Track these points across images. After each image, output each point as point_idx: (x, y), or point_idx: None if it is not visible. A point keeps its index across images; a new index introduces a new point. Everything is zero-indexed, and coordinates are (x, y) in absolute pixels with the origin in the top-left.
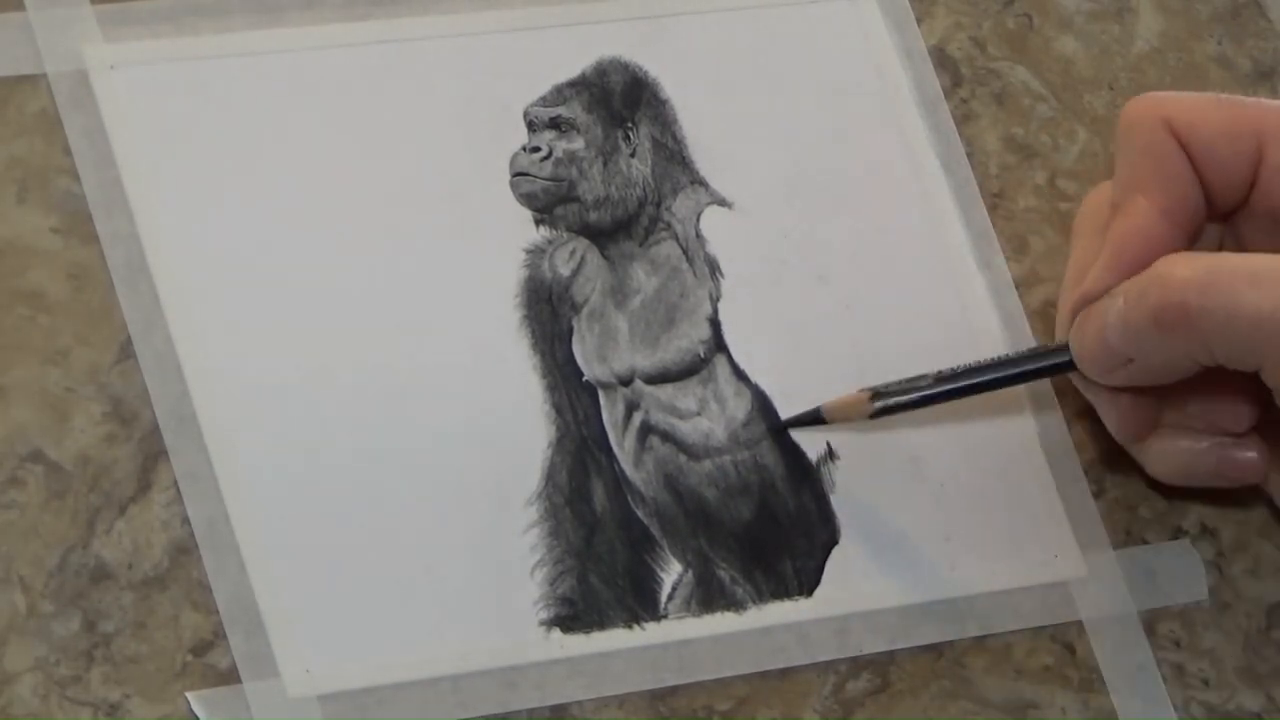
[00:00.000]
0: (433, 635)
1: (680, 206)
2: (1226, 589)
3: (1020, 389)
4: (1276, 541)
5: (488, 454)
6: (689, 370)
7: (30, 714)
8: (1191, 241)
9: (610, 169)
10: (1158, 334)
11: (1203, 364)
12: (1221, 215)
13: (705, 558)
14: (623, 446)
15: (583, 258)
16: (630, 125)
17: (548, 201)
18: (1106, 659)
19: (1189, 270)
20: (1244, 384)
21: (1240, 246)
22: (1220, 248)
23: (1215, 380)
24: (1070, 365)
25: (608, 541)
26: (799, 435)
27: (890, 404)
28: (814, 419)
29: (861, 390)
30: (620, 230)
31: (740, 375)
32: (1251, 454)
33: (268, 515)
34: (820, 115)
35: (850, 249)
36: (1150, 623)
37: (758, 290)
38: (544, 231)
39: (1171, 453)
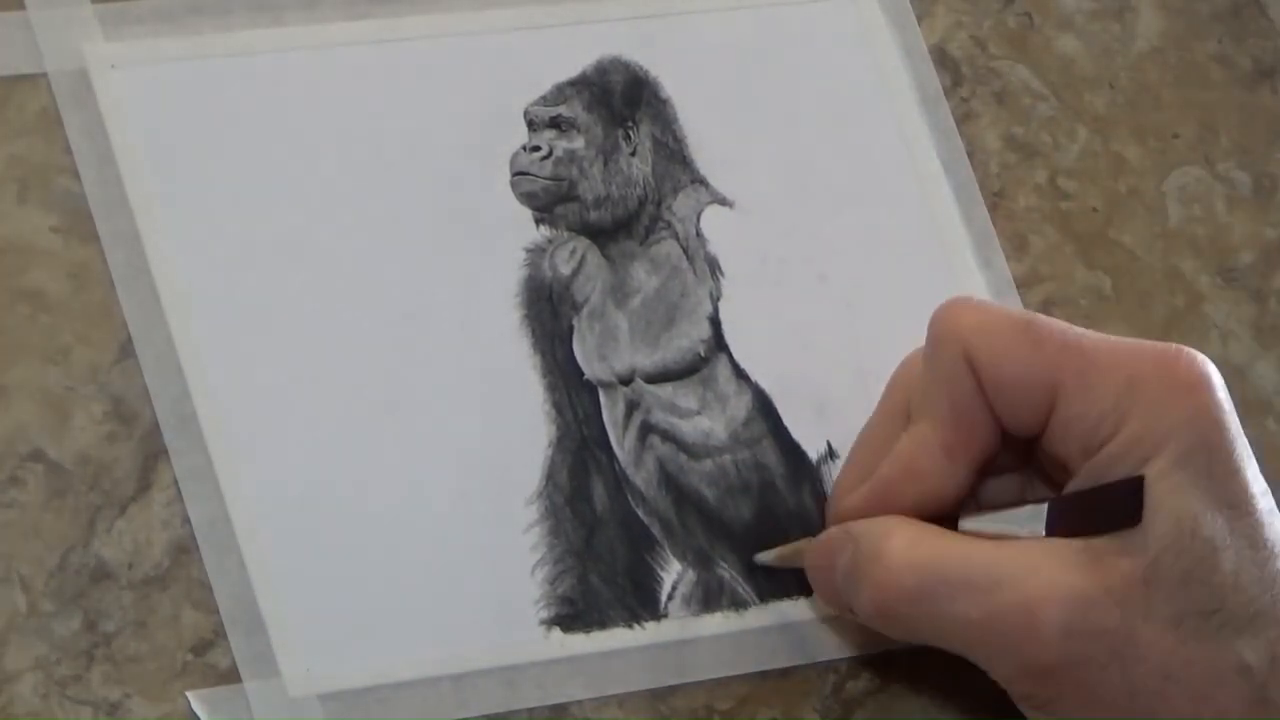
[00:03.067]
0: (433, 635)
1: (681, 206)
2: None
3: None
4: None
5: (488, 453)
6: (689, 369)
7: (30, 713)
8: (977, 468)
9: (610, 168)
10: (877, 616)
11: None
12: (1022, 446)
13: (705, 557)
14: (623, 446)
15: (583, 257)
16: (630, 124)
17: (548, 201)
18: None
19: (907, 568)
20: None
21: (1040, 474)
22: (1032, 457)
23: None
24: None
25: (608, 541)
26: (799, 435)
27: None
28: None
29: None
30: (621, 229)
31: (740, 374)
32: None
33: (268, 515)
34: (820, 115)
35: (850, 249)
36: None
37: (758, 290)
38: (544, 231)
39: None
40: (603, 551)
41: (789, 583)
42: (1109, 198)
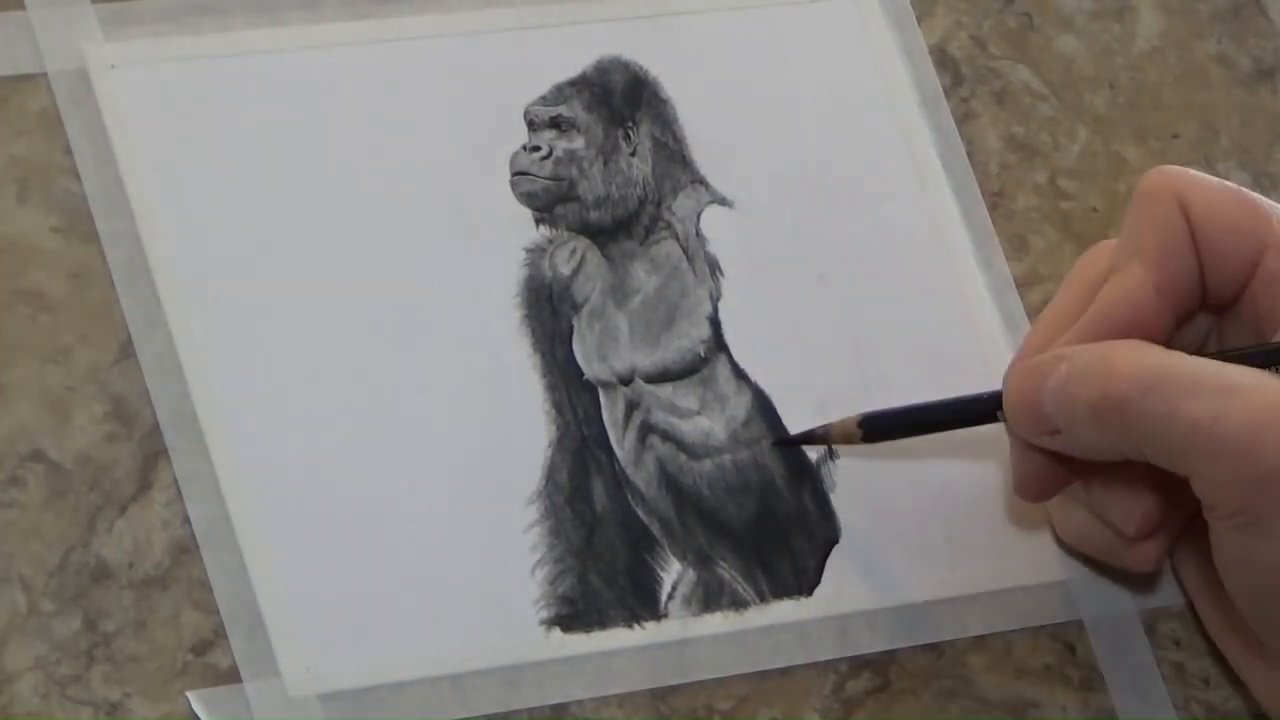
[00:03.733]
0: (433, 635)
1: (681, 206)
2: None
3: None
4: None
5: (488, 453)
6: (689, 369)
7: (30, 713)
8: (1180, 323)
9: (610, 168)
10: (1092, 422)
11: (1129, 458)
12: (1214, 307)
13: (705, 557)
14: (623, 446)
15: (583, 257)
16: (630, 124)
17: (548, 201)
18: (1106, 659)
19: (1135, 367)
20: (1152, 485)
21: (1223, 344)
22: (1206, 341)
23: (1124, 473)
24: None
25: (608, 541)
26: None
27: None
28: (808, 437)
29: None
30: (621, 229)
31: (740, 374)
32: (1149, 546)
33: (268, 515)
34: (820, 115)
35: (850, 249)
36: (1150, 623)
37: (758, 290)
38: (544, 231)
39: (1073, 521)
40: (603, 551)
41: (789, 583)
42: (1109, 198)
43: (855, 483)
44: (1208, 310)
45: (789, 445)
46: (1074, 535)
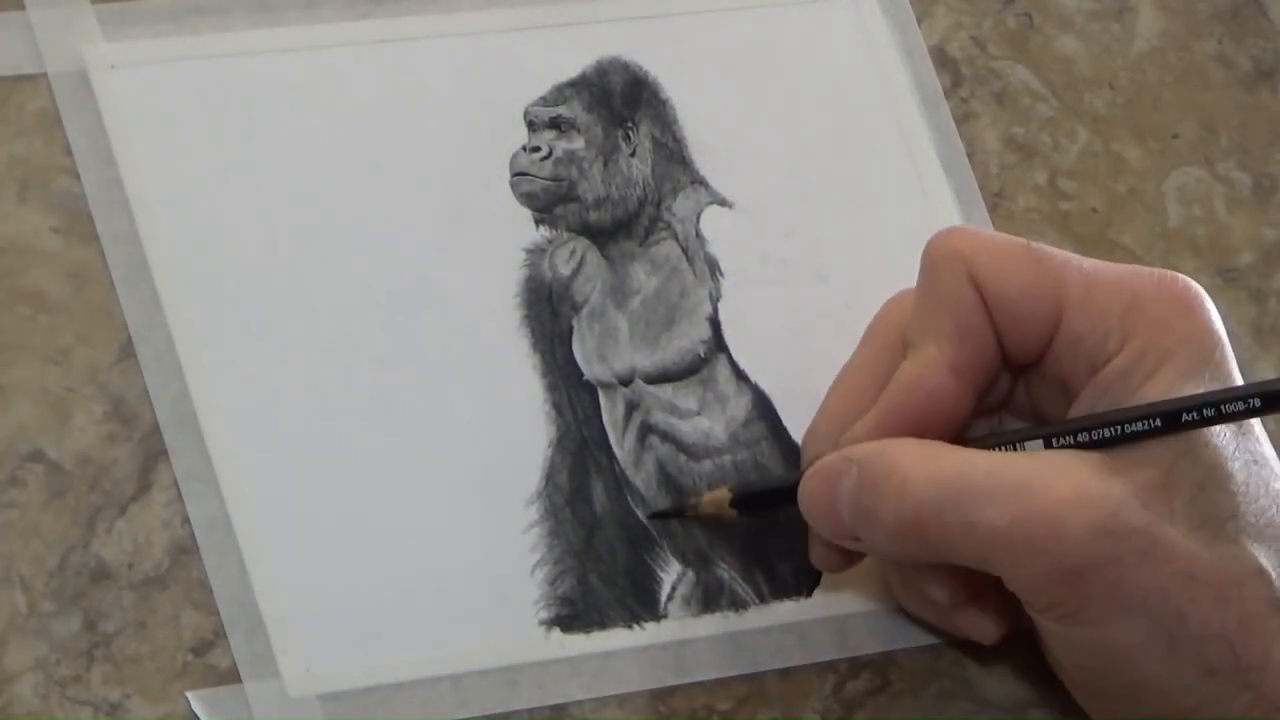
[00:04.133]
0: (433, 635)
1: (680, 206)
2: None
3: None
4: None
5: (488, 454)
6: (689, 370)
7: (30, 714)
8: (980, 394)
9: (610, 169)
10: (891, 538)
11: (937, 562)
12: (1016, 368)
13: (705, 557)
14: (623, 446)
15: (583, 257)
16: (630, 125)
17: (548, 201)
18: None
19: (925, 482)
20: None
21: (1030, 402)
22: (1009, 398)
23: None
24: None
25: (608, 541)
26: (799, 435)
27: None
28: (679, 512)
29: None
30: (620, 230)
31: (740, 375)
32: (984, 619)
33: (268, 515)
34: (820, 115)
35: (850, 249)
36: None
37: (758, 290)
38: (544, 231)
39: (901, 591)
40: (602, 552)
41: (789, 583)
42: (1109, 198)
43: None
44: (1009, 369)
45: (663, 518)
46: (915, 606)
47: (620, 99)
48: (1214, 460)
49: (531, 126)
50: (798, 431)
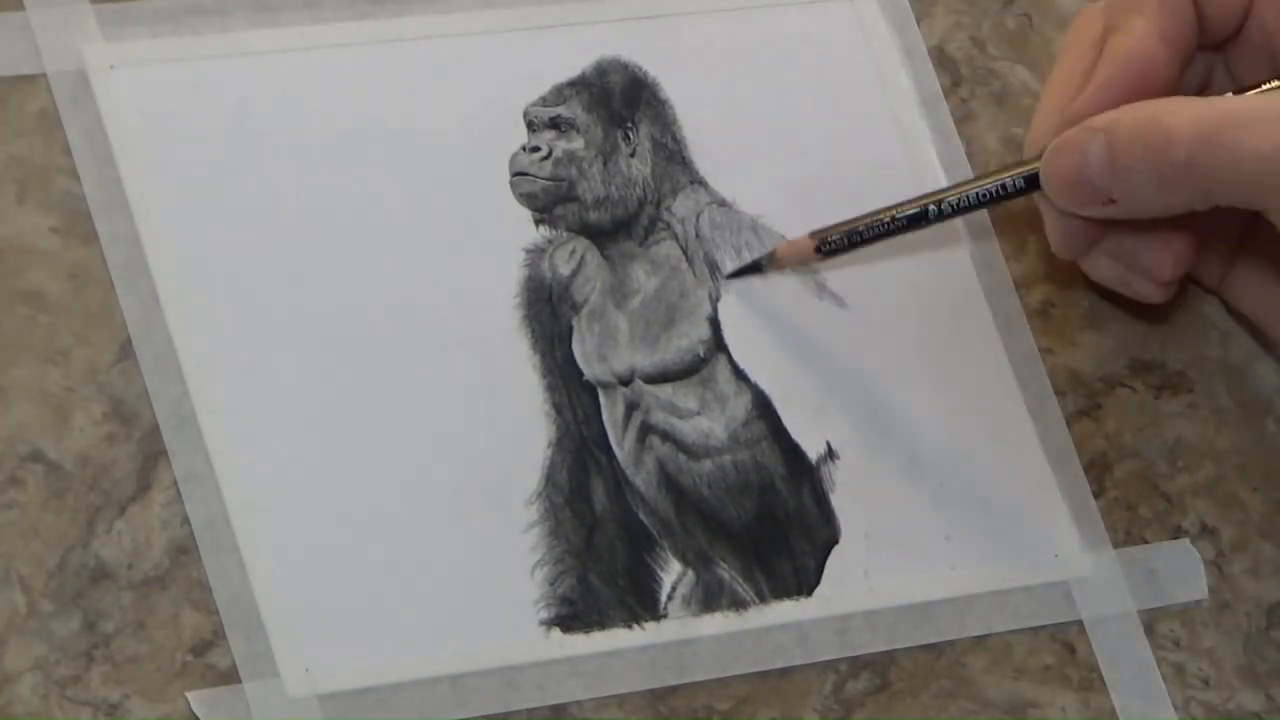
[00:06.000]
0: (433, 635)
1: (680, 206)
2: (1226, 589)
3: (1017, 390)
4: (1276, 541)
5: (488, 454)
6: (689, 370)
7: (30, 714)
8: (1184, 67)
9: (610, 169)
10: (1157, 187)
11: (1197, 209)
12: (1213, 44)
13: (705, 557)
14: (622, 446)
15: (583, 257)
16: (630, 125)
17: (547, 201)
18: (1106, 659)
19: (1189, 123)
20: (1184, 230)
21: (1231, 78)
22: (1209, 79)
23: (1157, 223)
24: (1034, 187)
25: (608, 541)
26: (799, 435)
27: (834, 242)
28: (758, 267)
29: (809, 234)
30: (620, 230)
31: (740, 375)
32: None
33: (268, 515)
34: (820, 115)
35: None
36: (1150, 622)
37: (757, 290)
38: (544, 231)
39: (1097, 265)
40: (602, 552)
41: (789, 583)
42: None
43: (855, 483)
44: (1205, 49)
45: (742, 275)
46: (1107, 279)
47: (620, 99)
48: None
49: (531, 126)
50: (797, 431)
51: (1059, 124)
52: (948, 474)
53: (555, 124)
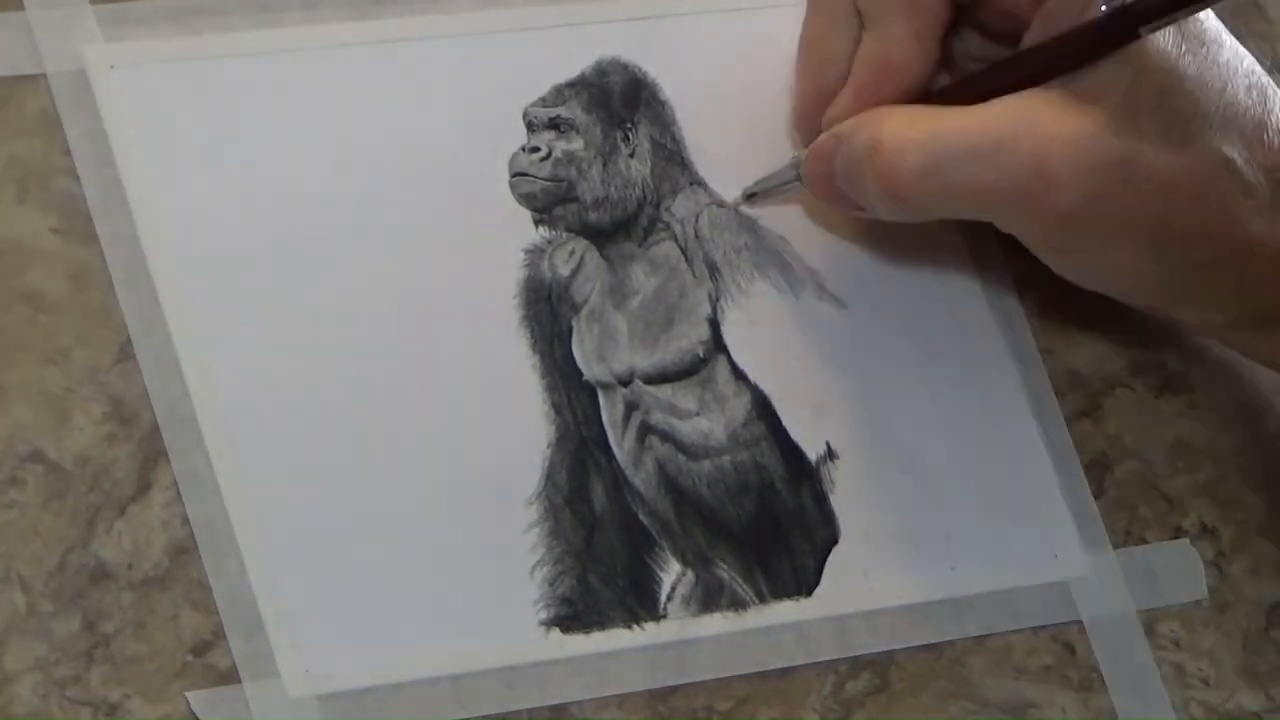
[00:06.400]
0: (433, 635)
1: (679, 207)
2: (1226, 589)
3: (1017, 390)
4: (1276, 541)
5: (488, 454)
6: (688, 370)
7: (30, 714)
8: (940, 42)
9: (609, 169)
10: (887, 206)
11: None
12: (964, 11)
13: (705, 558)
14: (622, 446)
15: (582, 258)
16: (629, 126)
17: (547, 201)
18: (1106, 659)
19: (906, 151)
20: None
21: (982, 47)
22: (961, 49)
23: None
24: None
25: (607, 541)
26: (798, 435)
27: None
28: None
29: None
30: (619, 230)
31: (739, 375)
32: None
33: (268, 515)
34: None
35: (849, 249)
36: (1150, 623)
37: (757, 291)
38: (543, 231)
39: None
40: (602, 552)
41: (789, 583)
42: None
43: (855, 483)
44: (995, 40)
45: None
46: None
47: (619, 100)
48: (1167, 66)
49: (531, 127)
50: (796, 432)
51: (818, 124)
52: (948, 474)
53: (555, 124)
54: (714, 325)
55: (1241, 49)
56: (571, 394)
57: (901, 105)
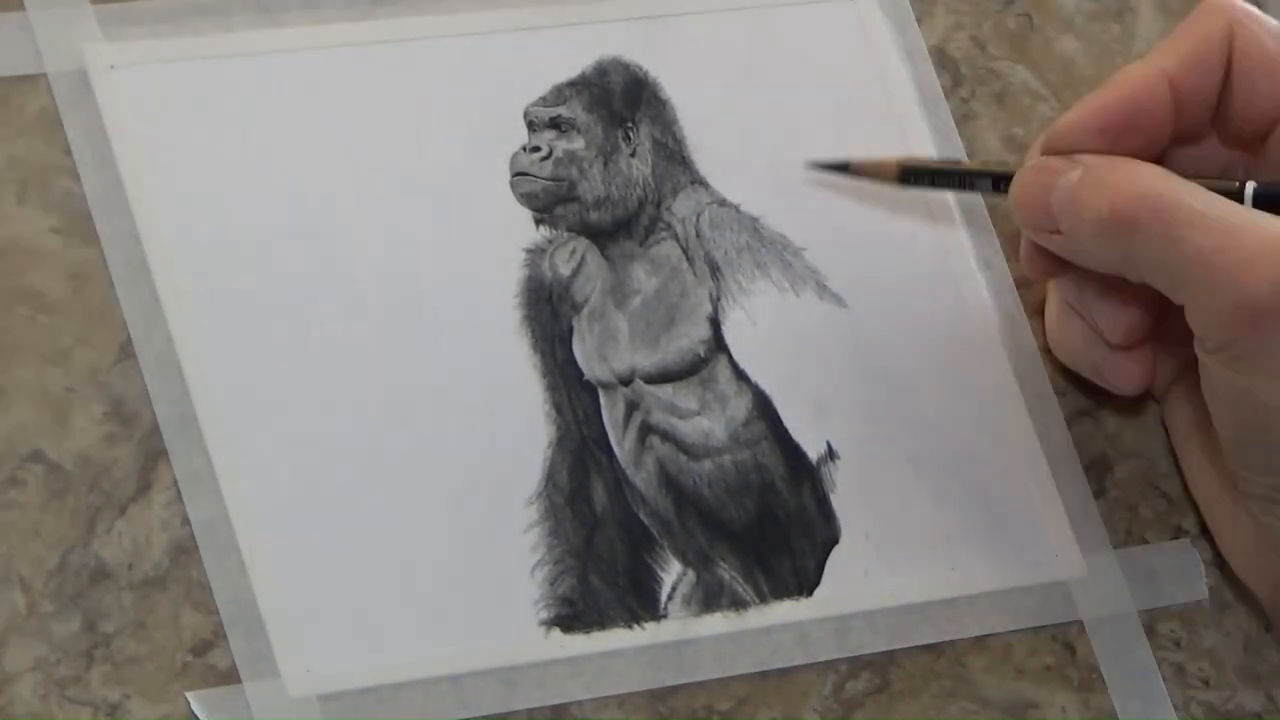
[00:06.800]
0: (433, 635)
1: (680, 207)
2: (1226, 589)
3: (1017, 390)
4: None
5: (488, 454)
6: (689, 370)
7: (30, 714)
8: (1184, 137)
9: (610, 169)
10: (1096, 233)
11: (1124, 276)
12: (1241, 142)
13: (705, 557)
14: (623, 446)
15: (583, 257)
16: (630, 125)
17: (548, 201)
18: (1106, 659)
19: (1147, 188)
20: (1144, 300)
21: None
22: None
23: (1120, 282)
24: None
25: (608, 541)
26: (799, 435)
27: (916, 174)
28: (843, 167)
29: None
30: (620, 230)
31: (740, 375)
32: (1134, 367)
33: (268, 515)
34: (820, 115)
35: (850, 249)
36: (1150, 623)
37: (757, 290)
38: (544, 231)
39: (1066, 332)
40: (603, 552)
41: (789, 583)
42: None
43: (855, 483)
44: (1233, 145)
45: (825, 170)
46: (1065, 347)
47: (620, 99)
48: None
49: (531, 126)
50: (797, 431)
51: (1046, 140)
52: (948, 474)
53: (556, 124)
54: (715, 325)
55: None
56: (572, 394)
57: (1156, 165)
